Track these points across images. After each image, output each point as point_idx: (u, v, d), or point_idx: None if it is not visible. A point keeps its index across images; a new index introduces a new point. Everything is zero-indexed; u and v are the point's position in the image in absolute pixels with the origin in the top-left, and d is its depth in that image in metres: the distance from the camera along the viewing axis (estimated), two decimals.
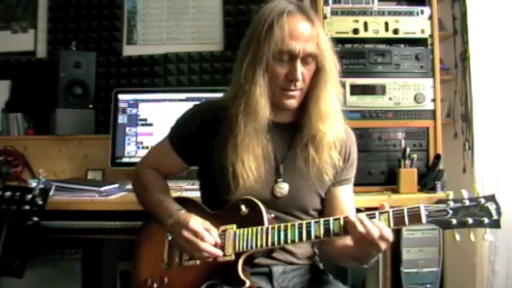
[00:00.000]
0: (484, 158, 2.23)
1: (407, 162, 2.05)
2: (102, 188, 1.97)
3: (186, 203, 1.40)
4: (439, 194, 2.00)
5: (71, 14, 2.79)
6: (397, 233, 1.94)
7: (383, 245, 1.14)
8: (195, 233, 1.23)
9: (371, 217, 1.17)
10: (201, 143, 1.38)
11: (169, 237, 1.34)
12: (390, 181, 2.09)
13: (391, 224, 1.16)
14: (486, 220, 1.11)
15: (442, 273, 1.96)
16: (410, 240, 1.94)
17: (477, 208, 1.12)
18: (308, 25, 1.26)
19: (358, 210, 1.46)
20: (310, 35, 1.25)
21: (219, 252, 1.24)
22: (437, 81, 2.15)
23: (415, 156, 2.06)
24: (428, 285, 1.94)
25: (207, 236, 1.23)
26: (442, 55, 2.28)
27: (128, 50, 2.80)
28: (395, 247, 1.95)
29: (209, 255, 1.23)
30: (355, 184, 1.50)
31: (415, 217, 1.14)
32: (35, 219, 1.43)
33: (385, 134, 2.13)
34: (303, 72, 1.26)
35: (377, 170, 2.11)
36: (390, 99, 2.13)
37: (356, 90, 2.12)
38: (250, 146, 1.28)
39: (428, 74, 2.15)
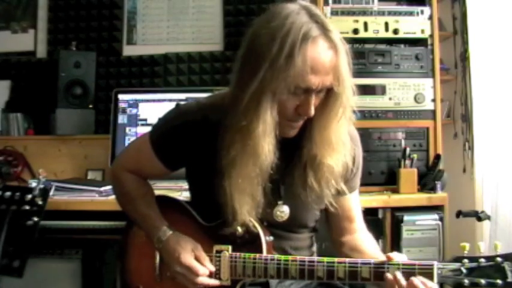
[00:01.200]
0: (484, 158, 2.23)
1: (407, 162, 2.06)
2: (102, 188, 1.97)
3: (176, 210, 1.32)
4: (439, 194, 2.00)
5: (71, 14, 2.79)
6: (397, 233, 1.94)
7: None
8: (188, 269, 1.17)
9: (376, 268, 1.08)
10: (186, 148, 1.24)
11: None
12: (390, 181, 2.10)
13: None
14: (500, 282, 1.03)
15: None
16: (410, 240, 1.94)
17: (492, 268, 1.05)
18: (331, 54, 1.06)
19: None
20: (331, 66, 1.06)
21: (215, 282, 1.18)
22: (437, 81, 2.16)
23: (415, 156, 2.06)
24: None
25: (202, 270, 1.17)
26: (442, 55, 2.28)
27: (128, 50, 2.80)
28: (395, 247, 1.95)
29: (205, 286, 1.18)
30: None
31: (426, 275, 1.05)
32: (35, 219, 1.43)
33: (385, 134, 2.13)
34: (314, 102, 1.08)
35: (377, 170, 2.11)
36: (390, 99, 2.13)
37: (356, 90, 2.11)
38: (247, 191, 1.12)
39: (428, 74, 2.15)
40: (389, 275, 1.05)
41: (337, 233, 1.35)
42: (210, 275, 1.19)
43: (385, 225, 2.00)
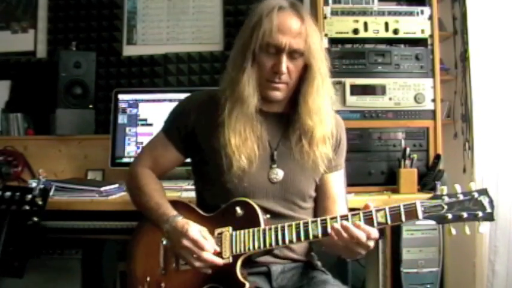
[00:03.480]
0: (484, 158, 2.23)
1: (407, 162, 2.05)
2: (102, 188, 1.97)
3: (179, 206, 1.38)
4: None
5: (71, 14, 2.79)
6: (397, 233, 1.94)
7: (371, 244, 1.18)
8: (195, 242, 1.22)
9: (367, 216, 1.20)
10: (196, 132, 1.40)
11: (164, 242, 1.34)
12: (390, 181, 2.09)
13: (389, 221, 1.18)
14: (480, 213, 1.14)
15: (442, 273, 1.95)
16: (410, 240, 1.94)
17: (471, 202, 1.15)
18: (298, 22, 1.30)
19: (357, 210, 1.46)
20: (298, 32, 1.29)
21: (219, 261, 1.23)
22: (437, 81, 2.15)
23: (415, 156, 2.06)
24: (428, 286, 1.94)
25: (207, 245, 1.23)
26: (442, 55, 2.28)
27: (128, 50, 2.80)
28: (395, 247, 1.95)
29: (209, 263, 1.23)
30: (355, 184, 1.51)
31: (411, 213, 1.17)
32: (35, 219, 1.43)
33: (385, 134, 2.13)
34: (289, 66, 1.30)
35: (377, 170, 2.11)
36: (390, 99, 2.13)
37: (356, 90, 2.11)
38: (237, 129, 1.31)
39: (428, 74, 2.15)
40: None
41: (319, 212, 1.43)
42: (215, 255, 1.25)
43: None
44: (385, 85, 2.13)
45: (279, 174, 1.37)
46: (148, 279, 1.35)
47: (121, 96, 2.39)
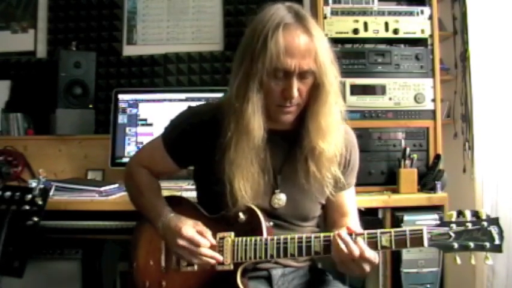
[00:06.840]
0: (484, 158, 2.23)
1: (407, 162, 2.05)
2: (102, 188, 1.97)
3: (182, 204, 1.39)
4: (439, 194, 2.00)
5: (71, 14, 2.80)
6: None
7: (366, 267, 1.14)
8: (190, 240, 1.22)
9: (370, 237, 1.17)
10: (196, 147, 1.33)
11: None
12: (390, 181, 2.09)
13: (393, 246, 1.15)
14: (488, 245, 1.09)
15: (442, 273, 1.95)
16: None
17: (480, 232, 1.09)
18: (306, 39, 1.16)
19: (358, 211, 1.46)
20: (307, 50, 1.16)
21: (218, 256, 1.23)
22: (437, 81, 2.15)
23: (415, 156, 2.06)
24: (428, 285, 1.94)
25: (203, 240, 1.23)
26: (442, 55, 2.28)
27: (128, 50, 2.80)
28: None
29: (208, 258, 1.23)
30: (355, 184, 1.50)
31: (417, 240, 1.13)
32: (35, 219, 1.43)
33: (385, 134, 2.13)
34: (299, 87, 1.19)
35: (377, 170, 2.11)
36: (390, 99, 2.13)
37: (356, 90, 2.11)
38: (243, 166, 1.22)
39: (428, 74, 2.15)
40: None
41: (329, 225, 1.42)
42: (212, 249, 1.24)
43: (385, 225, 1.99)
44: (385, 85, 2.13)
45: (282, 199, 1.31)
46: (149, 277, 1.36)
47: (121, 96, 2.39)
